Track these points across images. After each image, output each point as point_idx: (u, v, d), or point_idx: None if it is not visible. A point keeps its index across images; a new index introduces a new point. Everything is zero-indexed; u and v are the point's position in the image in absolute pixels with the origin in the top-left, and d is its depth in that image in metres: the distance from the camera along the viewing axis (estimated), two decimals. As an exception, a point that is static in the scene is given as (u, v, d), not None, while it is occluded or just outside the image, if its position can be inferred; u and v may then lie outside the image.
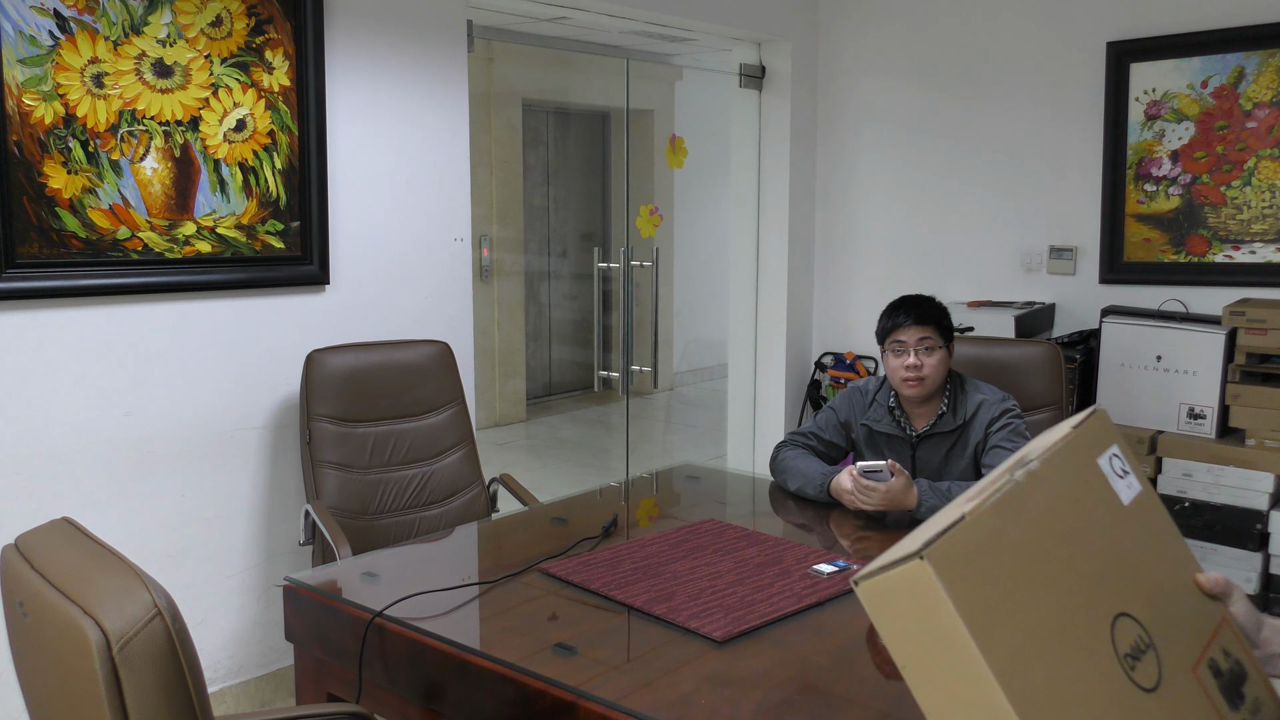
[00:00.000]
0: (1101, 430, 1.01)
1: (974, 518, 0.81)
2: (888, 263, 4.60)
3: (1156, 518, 1.01)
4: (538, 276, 7.48)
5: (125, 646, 1.18)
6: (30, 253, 2.48)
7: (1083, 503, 0.93)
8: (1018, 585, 0.82)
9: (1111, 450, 0.99)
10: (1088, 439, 0.98)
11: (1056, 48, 4.05)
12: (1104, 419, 1.03)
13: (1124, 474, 0.98)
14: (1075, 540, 0.89)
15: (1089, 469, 0.96)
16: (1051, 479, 0.90)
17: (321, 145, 2.98)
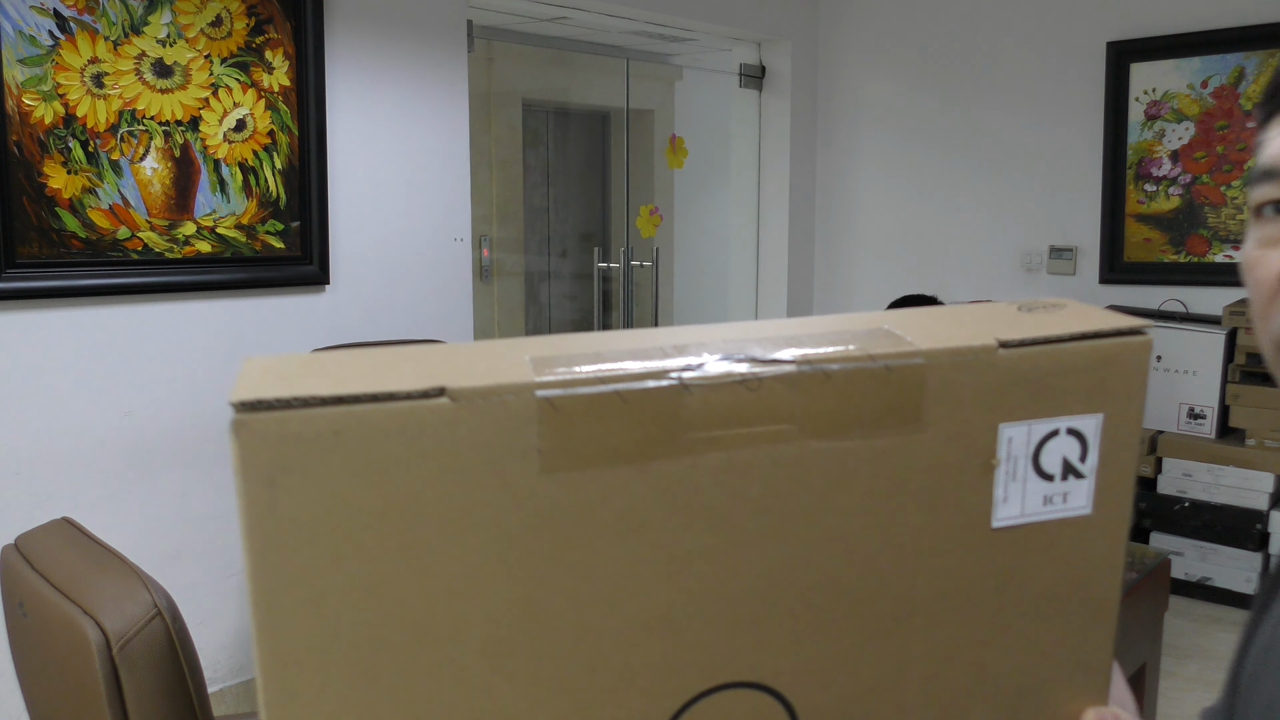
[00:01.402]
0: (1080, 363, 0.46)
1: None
2: (888, 263, 4.60)
3: (1073, 564, 0.48)
4: (538, 276, 7.48)
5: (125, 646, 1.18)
6: (30, 253, 2.48)
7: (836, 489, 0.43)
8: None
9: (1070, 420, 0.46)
10: (1017, 369, 0.44)
11: (1056, 48, 4.05)
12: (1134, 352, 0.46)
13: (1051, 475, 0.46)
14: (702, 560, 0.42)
15: (968, 434, 0.45)
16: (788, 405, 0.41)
17: (321, 145, 2.97)
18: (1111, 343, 0.46)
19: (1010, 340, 0.45)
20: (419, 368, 0.40)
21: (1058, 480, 0.47)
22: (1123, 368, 0.46)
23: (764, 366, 0.41)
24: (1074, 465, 0.47)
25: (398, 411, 0.38)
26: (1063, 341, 0.45)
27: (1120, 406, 0.47)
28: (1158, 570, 2.17)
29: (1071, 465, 0.47)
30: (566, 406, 0.40)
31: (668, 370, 0.41)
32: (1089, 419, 0.46)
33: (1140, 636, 2.10)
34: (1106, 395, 0.46)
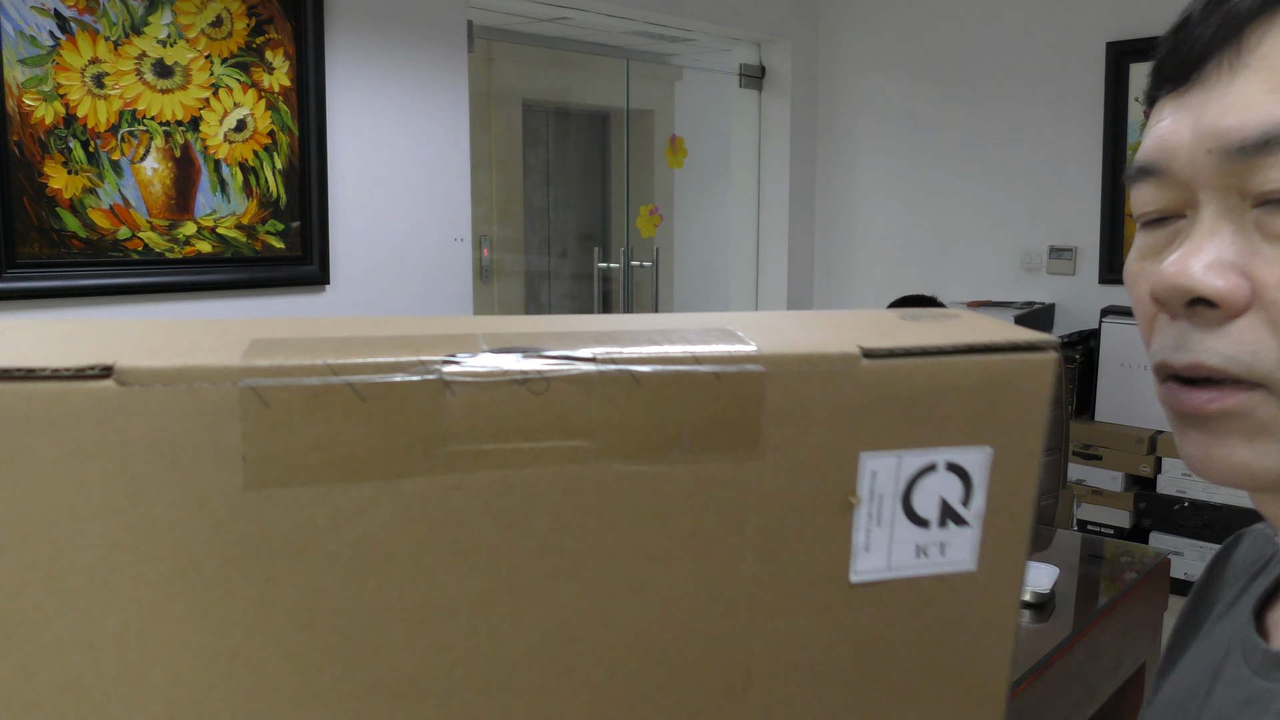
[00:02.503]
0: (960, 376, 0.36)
1: None
2: (888, 263, 4.60)
3: (953, 633, 0.39)
4: (538, 276, 7.48)
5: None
6: (31, 253, 2.48)
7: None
8: None
9: (950, 453, 0.37)
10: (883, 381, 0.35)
11: (1056, 48, 4.05)
12: (1035, 371, 0.37)
13: (926, 520, 0.37)
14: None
15: (819, 463, 0.36)
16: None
17: (322, 145, 2.98)
18: (1006, 359, 0.36)
19: (878, 349, 0.35)
20: (103, 341, 0.30)
21: (934, 527, 0.37)
22: (1019, 391, 0.37)
23: (553, 363, 0.32)
24: (954, 509, 0.37)
25: (43, 394, 0.28)
26: (944, 354, 0.36)
27: (1015, 439, 0.37)
28: (1157, 570, 2.17)
29: (951, 509, 0.37)
30: (281, 401, 0.30)
31: (426, 362, 0.31)
32: (975, 452, 0.37)
33: (1139, 636, 2.11)
34: (998, 424, 0.37)
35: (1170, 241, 0.48)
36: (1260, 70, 0.43)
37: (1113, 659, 1.99)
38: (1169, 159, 0.46)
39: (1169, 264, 0.45)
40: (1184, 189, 0.46)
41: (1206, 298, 0.44)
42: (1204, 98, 0.45)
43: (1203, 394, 0.45)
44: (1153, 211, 0.49)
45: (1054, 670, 1.73)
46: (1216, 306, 0.44)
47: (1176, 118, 0.46)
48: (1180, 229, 0.47)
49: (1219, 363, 0.44)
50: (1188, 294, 0.44)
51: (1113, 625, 1.97)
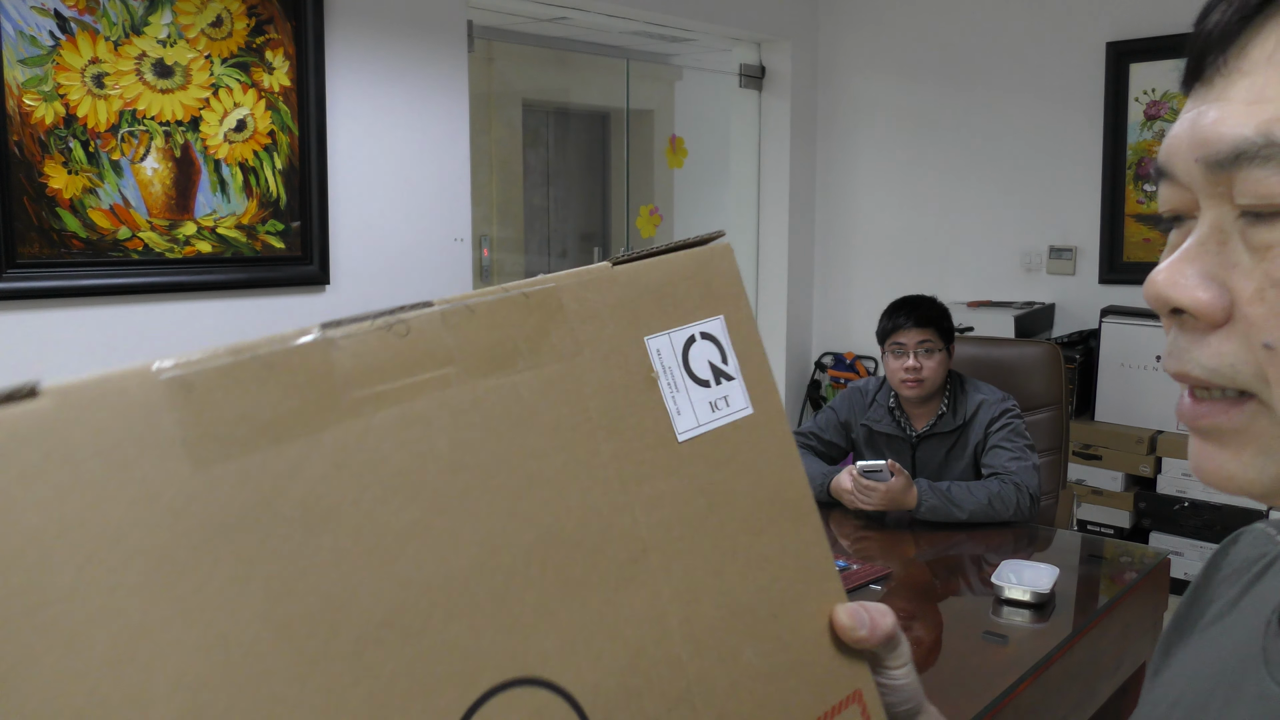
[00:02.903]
0: (698, 271, 0.48)
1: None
2: (888, 263, 4.60)
3: (761, 468, 0.48)
4: (538, 276, 7.47)
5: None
6: (31, 253, 2.48)
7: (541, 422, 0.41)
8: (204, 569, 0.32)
9: (699, 324, 0.47)
10: (644, 282, 0.46)
11: (1056, 48, 4.05)
12: (720, 255, 0.50)
13: (706, 380, 0.47)
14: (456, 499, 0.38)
15: (621, 350, 0.44)
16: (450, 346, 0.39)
17: (322, 145, 2.98)
18: (700, 250, 0.49)
19: (620, 258, 0.46)
20: (17, 378, 0.31)
21: (713, 385, 0.48)
22: (718, 271, 0.50)
23: (408, 312, 0.39)
24: (720, 368, 0.48)
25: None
26: (663, 253, 0.48)
27: (732, 306, 0.50)
28: (1157, 570, 2.17)
29: (718, 368, 0.48)
30: (201, 383, 0.33)
31: (310, 329, 0.37)
32: (713, 321, 0.49)
33: (1140, 636, 2.11)
34: (717, 297, 0.49)
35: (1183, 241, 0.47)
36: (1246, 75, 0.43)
37: (1113, 659, 1.99)
38: (1172, 163, 0.46)
39: (1157, 271, 0.45)
40: (1188, 192, 0.46)
41: (1185, 309, 0.43)
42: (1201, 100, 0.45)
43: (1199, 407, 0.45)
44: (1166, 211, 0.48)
45: (1054, 670, 1.73)
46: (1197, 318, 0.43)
47: (1183, 119, 0.46)
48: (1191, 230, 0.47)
49: (1201, 374, 0.44)
50: (1166, 303, 0.44)
51: (1113, 625, 1.97)
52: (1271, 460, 0.43)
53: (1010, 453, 2.44)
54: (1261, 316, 0.41)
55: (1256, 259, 0.42)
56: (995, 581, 1.94)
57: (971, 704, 1.56)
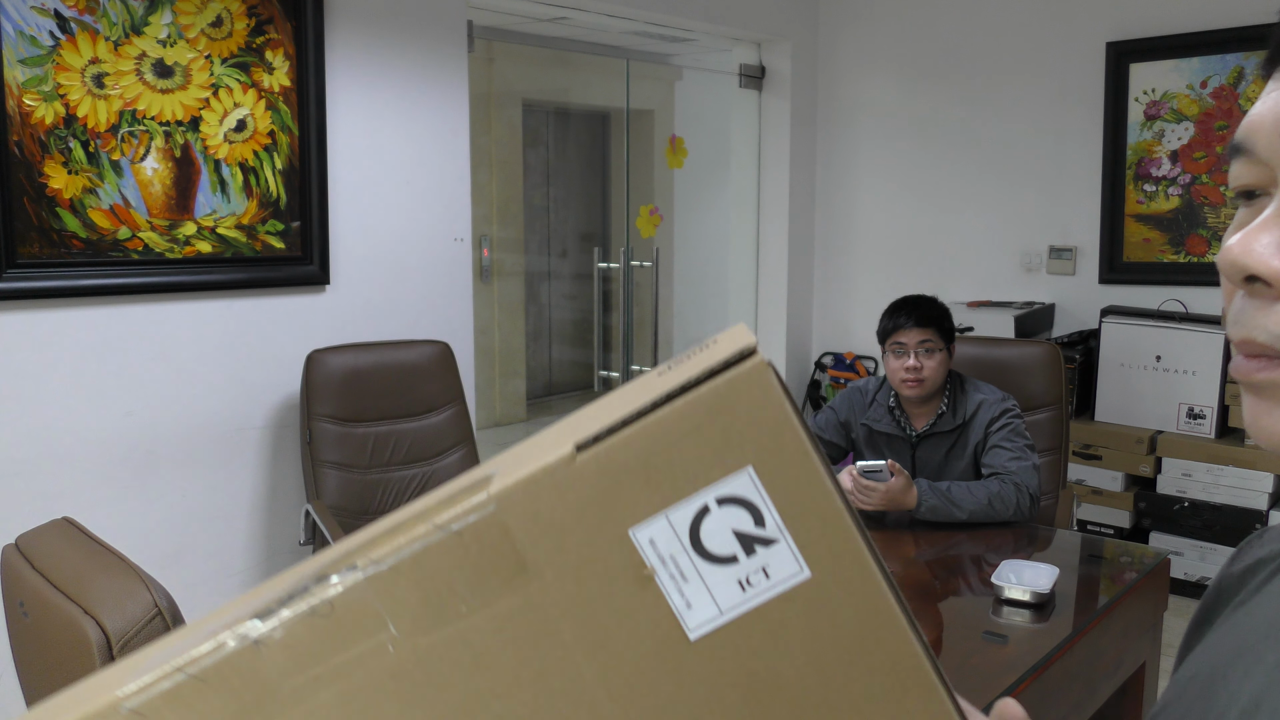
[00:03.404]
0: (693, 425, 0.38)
1: None
2: (888, 263, 4.60)
3: (831, 641, 0.39)
4: (538, 276, 7.48)
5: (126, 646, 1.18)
6: (31, 253, 2.48)
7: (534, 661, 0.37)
8: None
9: (712, 490, 0.38)
10: (618, 462, 0.38)
11: (1056, 48, 4.05)
12: (748, 385, 0.38)
13: (730, 555, 0.38)
14: None
15: (596, 558, 0.38)
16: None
17: (322, 145, 2.98)
18: (715, 385, 0.37)
19: (587, 439, 0.37)
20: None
21: (744, 558, 0.38)
22: (745, 405, 0.37)
23: (322, 589, 0.35)
24: (753, 534, 0.38)
25: None
26: (648, 413, 0.37)
27: (769, 447, 0.38)
28: (1157, 570, 2.17)
29: (750, 535, 0.38)
30: (153, 712, 0.34)
31: (227, 638, 0.35)
32: (736, 478, 0.37)
33: (1140, 636, 2.11)
34: (742, 444, 0.37)
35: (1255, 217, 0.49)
36: None
37: (1113, 659, 1.99)
38: (1253, 139, 0.48)
39: (1233, 241, 0.47)
40: (1266, 168, 0.47)
41: (1260, 276, 0.45)
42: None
43: (1253, 362, 0.47)
44: (1240, 187, 0.50)
45: (1054, 670, 1.73)
46: (1271, 285, 0.45)
47: (1268, 98, 0.48)
48: (1264, 207, 0.48)
49: (1266, 339, 0.46)
50: (1243, 271, 0.46)
51: (1113, 625, 1.97)
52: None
53: (1010, 453, 2.45)
54: None
55: None
56: (995, 581, 1.94)
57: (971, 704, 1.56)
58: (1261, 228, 0.46)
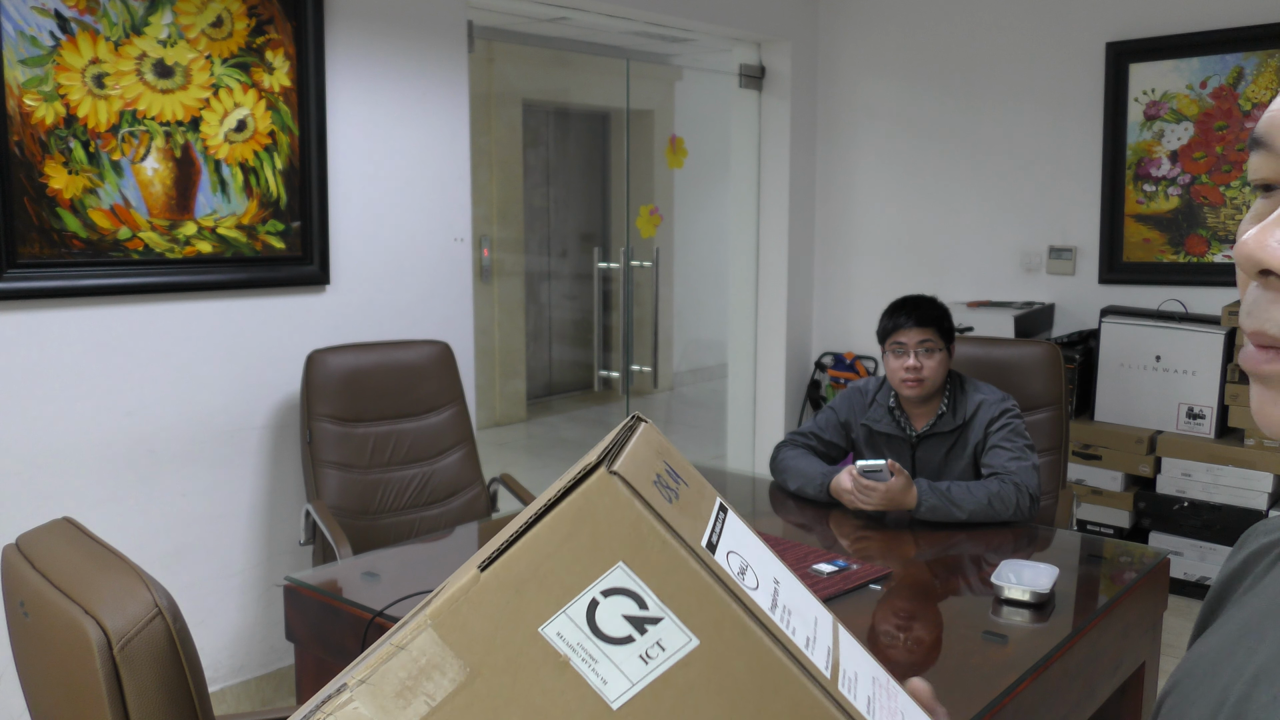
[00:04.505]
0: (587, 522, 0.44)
1: None
2: (888, 263, 4.60)
3: (735, 690, 0.44)
4: (538, 276, 7.48)
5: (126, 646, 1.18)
6: (31, 253, 2.48)
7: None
8: None
9: (595, 586, 0.44)
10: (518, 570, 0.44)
11: (1056, 48, 4.05)
12: (596, 494, 0.44)
13: (626, 636, 0.44)
14: None
15: (520, 655, 0.44)
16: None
17: (322, 145, 2.98)
18: (572, 500, 0.43)
19: (488, 558, 0.44)
20: None
21: (639, 637, 0.43)
22: (601, 512, 0.43)
23: (330, 705, 0.45)
24: (639, 616, 0.43)
25: None
26: (530, 529, 0.44)
27: (632, 543, 0.43)
28: (1157, 570, 2.18)
29: (637, 618, 0.43)
30: None
31: None
32: (612, 573, 0.43)
33: (1139, 636, 2.11)
34: (610, 544, 0.43)
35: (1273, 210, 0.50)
36: None
37: (1113, 659, 1.99)
38: (1274, 133, 0.49)
39: (1250, 234, 0.47)
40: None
41: (1274, 270, 0.46)
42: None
43: (1263, 353, 0.48)
44: (1259, 180, 0.51)
45: (1054, 670, 1.74)
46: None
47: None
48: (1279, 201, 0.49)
49: (1277, 331, 0.47)
50: (1258, 265, 0.47)
51: (1113, 625, 1.97)
52: None
53: (1010, 452, 2.45)
54: None
55: None
56: (995, 581, 1.95)
57: (971, 704, 1.56)
58: (1277, 222, 0.47)
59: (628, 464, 0.45)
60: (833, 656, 0.49)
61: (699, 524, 0.47)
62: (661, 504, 0.44)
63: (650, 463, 0.47)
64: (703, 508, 0.49)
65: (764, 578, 0.48)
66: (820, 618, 0.52)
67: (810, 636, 0.48)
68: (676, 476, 0.49)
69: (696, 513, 0.48)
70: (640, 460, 0.46)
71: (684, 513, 0.46)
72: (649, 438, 0.50)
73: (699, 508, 0.48)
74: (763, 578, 0.48)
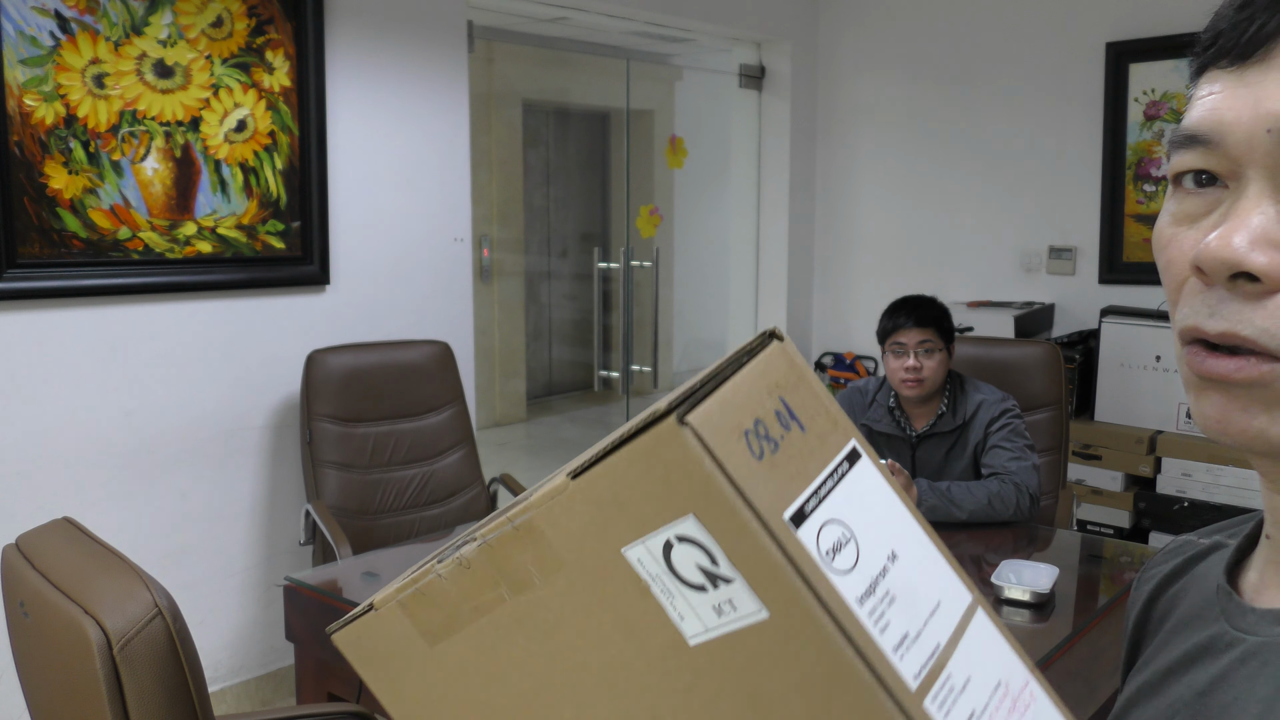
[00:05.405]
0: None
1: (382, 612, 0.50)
2: (888, 263, 4.60)
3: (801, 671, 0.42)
4: (538, 276, 7.48)
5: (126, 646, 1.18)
6: (31, 253, 2.48)
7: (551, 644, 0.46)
8: None
9: (669, 529, 0.42)
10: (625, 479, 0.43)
11: (1056, 48, 4.05)
12: (664, 441, 0.42)
13: (701, 584, 0.43)
14: None
15: (607, 565, 0.44)
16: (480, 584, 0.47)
17: (322, 145, 2.98)
18: (641, 442, 0.42)
19: (576, 469, 0.44)
20: None
21: (710, 589, 0.42)
22: (671, 462, 0.41)
23: (466, 548, 0.47)
24: (712, 571, 0.42)
25: None
26: (610, 454, 0.42)
27: (702, 502, 0.41)
28: (1157, 570, 2.18)
29: (710, 571, 0.42)
30: (408, 603, 0.49)
31: (432, 567, 0.48)
32: (683, 522, 0.41)
33: (1139, 636, 2.11)
34: (681, 493, 0.41)
35: (1208, 210, 0.49)
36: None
37: (1113, 659, 1.99)
38: (1223, 132, 0.48)
39: (1214, 237, 0.46)
40: (1233, 162, 0.47)
41: (1250, 273, 0.45)
42: (1266, 77, 0.46)
43: (1231, 362, 0.47)
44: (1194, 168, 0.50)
45: (1054, 670, 1.74)
46: (1258, 281, 0.45)
47: (1235, 93, 0.48)
48: (1219, 199, 0.48)
49: (1251, 333, 0.46)
50: (1233, 268, 0.46)
51: (1113, 625, 1.97)
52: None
53: (1010, 452, 2.45)
54: None
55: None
56: (995, 581, 1.94)
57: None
58: (1238, 225, 0.46)
59: (710, 411, 0.42)
60: (938, 657, 0.44)
61: (795, 485, 0.43)
62: (742, 463, 0.41)
63: (751, 404, 0.43)
64: (814, 461, 0.44)
65: (869, 555, 0.44)
66: (945, 604, 0.47)
67: (912, 632, 0.44)
68: (791, 417, 0.45)
69: (800, 469, 0.44)
70: (735, 404, 0.43)
71: (776, 472, 0.43)
72: (770, 365, 0.46)
73: (808, 461, 0.44)
74: (867, 555, 0.44)
